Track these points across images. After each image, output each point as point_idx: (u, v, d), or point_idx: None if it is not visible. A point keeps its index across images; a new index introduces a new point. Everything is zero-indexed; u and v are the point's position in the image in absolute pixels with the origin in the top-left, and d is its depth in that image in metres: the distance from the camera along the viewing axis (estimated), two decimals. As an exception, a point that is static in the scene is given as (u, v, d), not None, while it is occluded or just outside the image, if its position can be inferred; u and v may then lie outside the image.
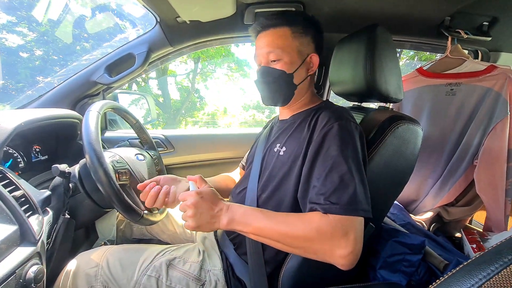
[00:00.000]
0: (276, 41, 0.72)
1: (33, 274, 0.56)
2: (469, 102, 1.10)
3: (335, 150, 0.61)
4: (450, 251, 0.91)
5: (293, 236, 0.57)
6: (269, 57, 0.73)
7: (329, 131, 0.64)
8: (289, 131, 0.76)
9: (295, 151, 0.70)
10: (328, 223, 0.55)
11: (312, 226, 0.56)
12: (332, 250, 0.55)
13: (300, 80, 0.75)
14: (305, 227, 0.56)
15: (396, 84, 0.77)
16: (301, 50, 0.74)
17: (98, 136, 0.70)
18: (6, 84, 6.46)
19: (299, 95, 0.78)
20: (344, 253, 0.54)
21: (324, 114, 0.68)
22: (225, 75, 10.80)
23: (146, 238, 1.05)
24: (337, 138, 0.62)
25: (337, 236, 0.54)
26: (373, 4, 0.96)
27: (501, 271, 0.29)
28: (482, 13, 1.01)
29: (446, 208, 1.18)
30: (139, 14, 6.53)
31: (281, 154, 0.73)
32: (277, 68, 0.73)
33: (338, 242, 0.54)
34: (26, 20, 6.80)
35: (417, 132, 0.70)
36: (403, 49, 5.08)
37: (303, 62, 0.74)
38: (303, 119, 0.74)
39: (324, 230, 0.55)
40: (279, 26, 0.73)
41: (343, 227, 0.55)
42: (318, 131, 0.66)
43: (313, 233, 0.55)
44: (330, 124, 0.64)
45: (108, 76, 1.11)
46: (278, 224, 0.58)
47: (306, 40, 0.75)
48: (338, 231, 0.54)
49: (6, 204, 0.57)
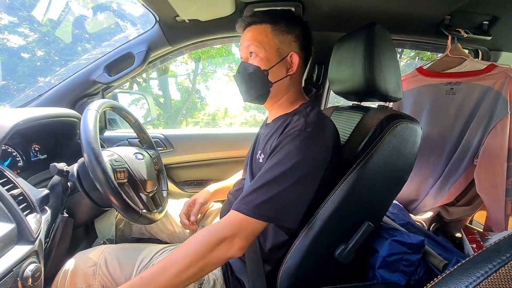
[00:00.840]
0: (255, 36, 0.73)
1: (31, 272, 0.56)
2: (469, 101, 1.10)
3: (277, 157, 0.62)
4: (450, 251, 0.90)
5: (184, 270, 0.54)
6: (247, 50, 0.74)
7: (286, 137, 0.64)
8: (268, 137, 0.75)
9: (267, 156, 0.69)
10: (213, 231, 0.58)
11: (197, 245, 0.57)
12: (224, 250, 0.57)
13: (276, 78, 0.74)
14: (187, 254, 0.56)
15: (395, 83, 0.76)
16: (280, 48, 0.73)
17: (97, 135, 0.70)
18: (8, 84, 6.49)
19: (277, 94, 0.76)
20: (235, 250, 0.58)
21: (294, 120, 0.68)
22: (226, 76, 10.81)
23: (145, 237, 1.05)
24: (286, 146, 0.62)
25: (223, 236, 0.57)
26: (372, 3, 0.95)
27: (499, 269, 0.29)
28: (482, 12, 1.00)
29: (446, 207, 1.18)
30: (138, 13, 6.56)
31: (260, 161, 0.73)
32: (253, 64, 0.73)
33: (229, 242, 0.57)
34: (28, 21, 6.83)
35: (416, 130, 0.70)
36: (404, 50, 5.08)
37: (282, 60, 0.73)
38: (281, 123, 0.73)
39: (209, 240, 0.57)
40: (261, 23, 0.73)
41: (237, 226, 0.59)
42: (281, 135, 0.66)
43: (201, 248, 0.56)
44: (291, 131, 0.64)
45: (108, 75, 1.11)
46: (162, 276, 0.54)
47: (288, 38, 0.73)
48: (227, 230, 0.58)
49: (4, 202, 0.57)
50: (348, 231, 0.70)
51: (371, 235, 0.72)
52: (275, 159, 0.62)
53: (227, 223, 0.60)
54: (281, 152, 0.62)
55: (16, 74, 6.66)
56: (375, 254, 0.79)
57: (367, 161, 0.65)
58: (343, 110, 0.92)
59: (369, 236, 0.71)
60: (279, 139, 0.65)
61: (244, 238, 0.59)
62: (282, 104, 0.79)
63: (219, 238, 0.57)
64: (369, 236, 0.71)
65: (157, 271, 0.55)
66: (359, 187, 0.65)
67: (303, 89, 0.84)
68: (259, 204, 0.59)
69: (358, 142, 0.69)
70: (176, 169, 1.42)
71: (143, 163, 0.89)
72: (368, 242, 0.79)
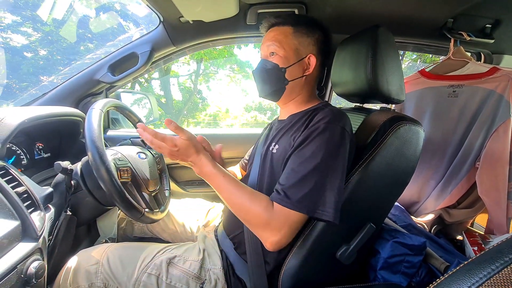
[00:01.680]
0: (276, 37, 0.76)
1: (34, 269, 0.56)
2: (472, 104, 1.10)
3: (309, 150, 0.63)
4: (451, 253, 0.90)
5: (240, 207, 0.65)
6: (268, 50, 0.77)
7: (315, 130, 0.65)
8: (285, 130, 0.77)
9: (286, 147, 0.71)
10: (270, 213, 0.62)
11: (256, 209, 0.62)
12: (264, 233, 0.63)
13: (293, 77, 0.77)
14: (251, 205, 0.63)
15: (398, 85, 0.77)
16: (299, 49, 0.76)
17: (101, 134, 0.71)
18: (10, 83, 6.52)
19: (291, 92, 0.79)
20: (273, 240, 0.62)
21: (319, 114, 0.69)
22: (227, 77, 10.84)
23: (146, 236, 1.05)
24: (317, 138, 0.64)
25: (273, 225, 0.61)
26: (375, 6, 0.96)
27: (502, 270, 0.29)
28: (485, 15, 1.01)
29: (448, 210, 1.18)
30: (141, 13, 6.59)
31: (274, 152, 0.75)
32: (272, 61, 0.76)
33: (271, 229, 0.61)
34: (31, 20, 6.87)
35: (418, 132, 0.70)
36: (406, 52, 5.08)
37: (299, 61, 0.76)
38: (299, 119, 0.75)
39: (263, 217, 0.61)
40: (283, 24, 0.77)
41: (283, 220, 0.61)
42: (308, 128, 0.68)
43: (254, 213, 0.63)
44: (318, 124, 0.66)
45: (111, 75, 1.11)
46: (230, 195, 0.65)
47: (307, 41, 0.77)
48: (276, 221, 0.61)
49: (9, 199, 0.57)
50: (350, 232, 0.70)
51: (373, 236, 0.72)
52: (306, 152, 0.64)
53: (277, 216, 0.62)
54: (311, 145, 0.63)
55: (19, 73, 6.69)
56: (376, 255, 0.79)
57: (369, 162, 0.65)
58: (345, 112, 0.92)
59: (371, 237, 0.71)
60: (306, 132, 0.66)
61: (289, 230, 0.62)
62: (296, 102, 0.81)
63: (269, 224, 0.61)
64: (371, 237, 0.71)
65: (222, 188, 0.66)
66: (362, 188, 0.66)
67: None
68: (301, 198, 0.60)
69: (361, 143, 0.69)
70: (178, 168, 1.43)
71: (146, 162, 0.89)
72: (370, 243, 0.79)
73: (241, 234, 0.76)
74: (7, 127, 0.68)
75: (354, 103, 0.95)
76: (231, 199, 0.65)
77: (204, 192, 1.47)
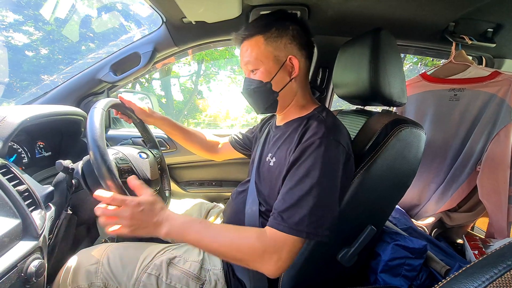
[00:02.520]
0: (250, 52, 0.71)
1: (35, 268, 0.56)
2: (473, 107, 1.10)
3: (304, 168, 0.61)
4: (452, 256, 0.90)
5: (227, 251, 0.60)
6: (248, 68, 0.74)
7: (309, 146, 0.62)
8: (280, 140, 0.74)
9: (281, 162, 0.69)
10: (264, 242, 0.58)
11: (247, 241, 0.59)
12: (262, 265, 0.58)
13: (280, 87, 0.72)
14: (240, 239, 0.59)
15: (400, 88, 0.77)
16: (276, 55, 0.70)
17: (103, 133, 0.71)
18: (11, 81, 6.53)
19: (285, 100, 0.75)
20: (273, 268, 0.58)
21: (313, 126, 0.66)
22: (228, 77, 10.85)
23: (146, 236, 1.05)
24: (312, 156, 0.61)
25: (269, 252, 0.58)
26: (377, 9, 0.96)
27: (504, 274, 0.29)
28: (487, 19, 1.01)
29: (449, 213, 1.18)
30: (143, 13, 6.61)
31: (271, 165, 0.73)
32: (255, 79, 0.72)
33: (269, 257, 0.58)
34: (33, 19, 6.89)
35: (420, 136, 0.71)
36: (407, 55, 5.09)
37: (282, 67, 0.71)
38: (294, 128, 0.72)
39: (257, 247, 0.58)
40: (252, 36, 0.71)
41: (280, 244, 0.58)
42: (301, 143, 0.65)
43: (246, 247, 0.59)
44: (312, 139, 0.63)
45: (113, 75, 1.12)
46: (215, 237, 0.60)
47: (283, 42, 0.70)
48: (272, 248, 0.58)
49: (10, 198, 0.58)
50: (351, 234, 0.70)
51: (373, 239, 0.72)
52: (301, 170, 0.61)
53: (274, 242, 0.58)
54: (307, 163, 0.61)
55: (20, 72, 6.70)
56: (377, 258, 0.79)
57: (371, 164, 0.65)
58: (347, 114, 0.92)
59: (372, 240, 0.71)
60: (300, 148, 0.63)
61: (284, 257, 0.58)
62: (292, 107, 0.77)
63: (265, 253, 0.57)
64: (372, 240, 0.71)
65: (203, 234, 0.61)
66: (363, 190, 0.66)
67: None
68: (298, 222, 0.58)
69: (362, 146, 0.70)
70: (179, 169, 1.43)
71: (147, 162, 0.89)
72: (370, 246, 0.79)
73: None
74: (9, 125, 0.68)
75: (355, 105, 0.95)
76: (217, 241, 0.60)
77: (204, 192, 1.47)
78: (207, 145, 1.09)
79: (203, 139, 1.08)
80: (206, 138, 1.09)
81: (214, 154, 1.11)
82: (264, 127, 0.97)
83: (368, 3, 0.92)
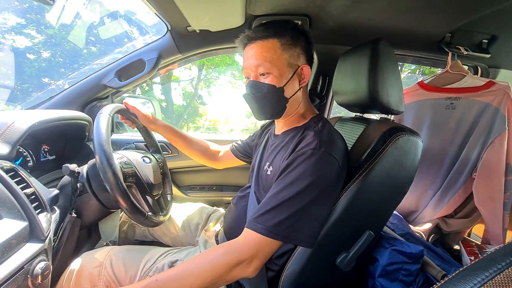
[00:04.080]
0: (264, 54, 0.69)
1: (40, 270, 0.57)
2: (469, 116, 1.12)
3: (292, 176, 0.62)
4: (448, 262, 0.91)
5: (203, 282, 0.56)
6: (258, 70, 0.70)
7: (300, 156, 0.63)
8: (277, 149, 0.75)
9: (276, 171, 0.70)
10: (232, 252, 0.58)
11: (217, 261, 0.58)
12: (240, 271, 0.58)
13: (291, 93, 0.73)
14: (211, 267, 0.57)
15: (398, 96, 0.79)
16: (291, 62, 0.71)
17: (109, 138, 0.72)
18: (11, 84, 6.54)
19: (291, 107, 0.75)
20: (252, 269, 0.59)
21: (308, 137, 0.67)
22: (228, 82, 10.90)
23: (147, 240, 1.06)
24: (301, 165, 0.62)
25: (244, 257, 0.58)
26: (376, 20, 0.99)
27: (495, 276, 0.31)
28: (482, 31, 1.04)
29: (445, 219, 1.20)
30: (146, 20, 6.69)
31: (268, 174, 0.74)
32: (267, 83, 0.70)
33: (247, 262, 0.58)
34: (35, 23, 6.94)
35: (417, 143, 0.73)
36: (405, 63, 5.15)
37: (294, 74, 0.72)
38: (291, 137, 0.73)
39: (228, 259, 0.57)
40: (268, 38, 0.69)
41: (255, 246, 0.59)
42: (294, 152, 0.66)
43: (218, 267, 0.57)
44: (305, 149, 0.63)
45: (118, 80, 1.14)
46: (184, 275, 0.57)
47: (296, 51, 0.71)
48: (246, 251, 0.58)
49: (18, 200, 0.59)
50: (350, 239, 0.71)
51: (371, 244, 0.73)
52: (289, 177, 0.62)
53: (246, 244, 0.59)
54: (296, 171, 0.62)
55: (21, 75, 6.72)
56: (375, 263, 0.81)
57: (369, 171, 0.67)
58: (346, 121, 0.94)
59: (370, 245, 0.73)
60: (292, 157, 0.64)
61: (261, 258, 0.60)
62: (294, 115, 0.78)
63: (238, 260, 0.57)
64: (370, 245, 0.73)
65: (173, 278, 0.56)
66: (361, 196, 0.67)
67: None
68: (275, 224, 0.58)
69: (360, 152, 0.71)
70: (180, 173, 1.44)
71: (150, 166, 0.91)
72: (368, 251, 0.81)
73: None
74: (17, 130, 0.70)
75: (354, 113, 0.98)
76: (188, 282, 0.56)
77: (205, 197, 1.48)
78: (208, 153, 1.11)
79: (204, 147, 1.10)
80: (207, 146, 1.11)
81: (215, 162, 1.13)
82: (264, 133, 0.99)
83: (367, 14, 0.95)
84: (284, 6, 0.93)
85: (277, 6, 0.93)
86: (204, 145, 1.10)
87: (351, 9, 0.92)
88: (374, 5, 0.89)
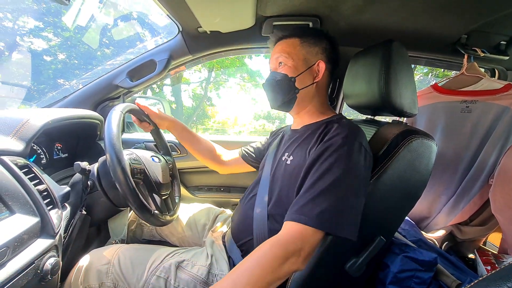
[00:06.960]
0: (285, 49, 0.79)
1: (50, 266, 0.58)
2: (485, 120, 1.09)
3: (326, 165, 0.61)
4: (463, 271, 0.88)
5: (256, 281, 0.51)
6: (276, 61, 0.80)
7: (331, 145, 0.64)
8: (299, 141, 0.77)
9: (300, 161, 0.70)
10: (280, 244, 0.55)
11: (266, 261, 0.53)
12: (292, 265, 0.54)
13: (303, 85, 0.78)
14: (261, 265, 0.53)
15: (411, 99, 0.77)
16: (307, 58, 0.78)
17: (119, 135, 0.73)
18: (28, 85, 6.77)
19: (303, 100, 0.80)
20: (301, 260, 0.55)
21: (335, 128, 0.69)
22: (237, 85, 10.98)
23: (155, 239, 1.07)
24: (334, 154, 0.62)
25: (291, 250, 0.55)
26: (389, 20, 0.97)
27: (519, 287, 0.29)
28: (500, 32, 1.01)
29: (460, 227, 1.15)
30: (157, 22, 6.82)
31: (287, 163, 0.74)
32: (281, 72, 0.78)
33: (296, 256, 0.55)
34: (52, 26, 7.18)
35: (431, 147, 0.70)
36: (417, 66, 5.06)
37: (309, 68, 0.78)
38: (314, 130, 0.75)
39: (277, 254, 0.54)
40: (290, 37, 0.80)
41: (299, 236, 0.56)
42: (323, 142, 0.66)
43: (270, 266, 0.53)
44: (335, 138, 0.65)
45: (130, 81, 1.16)
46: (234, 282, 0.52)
47: (315, 50, 0.79)
48: (292, 244, 0.55)
49: (31, 196, 0.60)
50: (360, 244, 0.70)
51: (382, 249, 0.71)
52: (323, 166, 0.62)
53: (291, 236, 0.57)
54: (329, 160, 0.62)
55: (38, 76, 6.95)
56: (386, 269, 0.78)
57: (381, 174, 0.65)
58: (357, 123, 0.93)
59: (381, 251, 0.71)
60: (322, 146, 0.65)
61: (307, 250, 0.57)
62: (309, 111, 0.82)
63: (285, 253, 0.54)
64: (381, 251, 0.71)
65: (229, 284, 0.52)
66: (373, 200, 0.66)
67: None
68: (318, 214, 0.57)
69: (373, 155, 0.70)
70: (188, 174, 1.45)
71: (159, 166, 0.91)
72: (379, 257, 0.79)
73: (250, 242, 0.76)
74: (32, 127, 0.72)
75: (365, 115, 0.96)
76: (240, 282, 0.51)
77: (213, 198, 1.48)
78: (213, 155, 1.10)
79: (211, 149, 1.10)
80: (213, 148, 1.11)
81: (219, 165, 1.11)
82: (274, 136, 1.01)
83: (380, 15, 0.94)
84: (295, 7, 0.92)
85: (288, 7, 0.93)
86: (211, 147, 1.11)
87: (363, 10, 0.91)
88: (387, 5, 0.88)
